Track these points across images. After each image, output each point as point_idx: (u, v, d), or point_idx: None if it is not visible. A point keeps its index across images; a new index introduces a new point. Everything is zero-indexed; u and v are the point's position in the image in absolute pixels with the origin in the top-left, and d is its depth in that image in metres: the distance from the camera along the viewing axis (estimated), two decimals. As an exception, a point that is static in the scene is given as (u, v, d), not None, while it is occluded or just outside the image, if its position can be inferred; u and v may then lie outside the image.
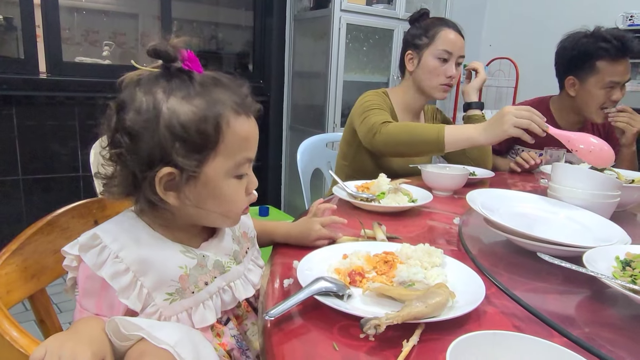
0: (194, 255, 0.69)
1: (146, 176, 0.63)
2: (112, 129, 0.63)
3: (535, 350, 0.49)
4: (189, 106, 0.62)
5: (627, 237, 0.87)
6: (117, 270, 0.62)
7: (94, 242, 0.63)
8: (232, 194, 0.69)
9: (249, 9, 3.46)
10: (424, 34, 1.65)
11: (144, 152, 0.62)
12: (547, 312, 0.66)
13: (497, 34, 4.23)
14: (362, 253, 0.80)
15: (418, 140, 1.42)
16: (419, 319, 0.59)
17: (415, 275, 0.71)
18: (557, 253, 0.78)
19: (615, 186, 1.03)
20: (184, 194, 0.65)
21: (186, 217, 0.69)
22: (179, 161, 0.62)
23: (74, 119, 2.64)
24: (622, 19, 3.25)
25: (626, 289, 0.66)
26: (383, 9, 3.23)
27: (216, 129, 0.63)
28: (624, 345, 0.61)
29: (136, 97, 0.63)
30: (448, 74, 1.63)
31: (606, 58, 1.72)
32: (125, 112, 0.62)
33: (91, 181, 1.52)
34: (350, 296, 0.67)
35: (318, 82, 3.22)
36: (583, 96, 1.83)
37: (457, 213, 1.17)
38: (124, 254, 0.63)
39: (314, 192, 1.96)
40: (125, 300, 0.62)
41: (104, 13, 2.97)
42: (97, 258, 0.62)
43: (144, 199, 0.65)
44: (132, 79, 0.65)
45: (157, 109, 0.62)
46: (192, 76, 0.65)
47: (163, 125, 0.61)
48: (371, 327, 0.56)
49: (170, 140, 0.61)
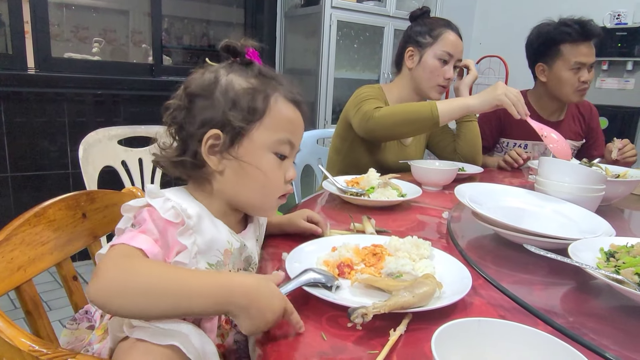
0: (238, 239, 0.72)
1: (195, 134, 0.68)
2: (177, 98, 0.70)
3: (519, 337, 0.49)
4: (244, 80, 0.69)
5: (611, 229, 0.89)
6: (183, 211, 0.64)
7: (158, 193, 0.66)
8: (270, 171, 0.71)
9: (240, 6, 3.45)
10: (427, 33, 1.65)
11: (198, 112, 0.68)
12: (532, 302, 0.67)
13: (486, 33, 4.26)
14: (350, 245, 0.81)
15: (413, 118, 1.45)
16: (406, 309, 0.60)
17: (403, 267, 0.72)
18: (544, 245, 0.79)
19: (600, 180, 1.04)
20: (226, 157, 0.69)
21: (224, 190, 0.71)
22: (229, 117, 0.67)
23: (63, 115, 2.61)
24: (610, 17, 3.29)
25: (610, 278, 0.67)
26: (373, 6, 3.24)
27: (265, 103, 0.69)
28: (608, 333, 0.62)
29: (203, 75, 0.71)
30: (447, 75, 1.64)
31: (569, 41, 1.84)
32: (189, 84, 0.70)
33: (81, 178, 1.52)
34: (338, 287, 0.68)
35: (309, 79, 3.22)
36: (553, 80, 1.92)
37: (446, 207, 1.18)
38: (186, 205, 0.66)
39: (305, 188, 1.97)
40: (185, 240, 0.64)
41: (93, 9, 2.95)
42: (163, 204, 0.64)
43: (190, 157, 0.68)
44: (201, 70, 0.72)
45: (217, 79, 0.69)
46: (253, 64, 0.72)
47: (219, 91, 0.68)
48: (358, 316, 0.56)
49: (222, 102, 0.67)
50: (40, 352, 0.52)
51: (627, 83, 3.24)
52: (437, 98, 1.68)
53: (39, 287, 0.74)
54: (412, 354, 0.54)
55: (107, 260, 0.57)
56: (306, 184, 2.15)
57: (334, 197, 1.24)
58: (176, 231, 0.63)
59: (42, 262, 0.72)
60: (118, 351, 0.61)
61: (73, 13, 2.85)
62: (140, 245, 0.59)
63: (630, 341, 0.61)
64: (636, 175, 1.33)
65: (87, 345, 0.70)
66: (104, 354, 0.65)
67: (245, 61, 0.72)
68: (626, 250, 0.76)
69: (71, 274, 0.81)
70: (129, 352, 0.58)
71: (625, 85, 3.25)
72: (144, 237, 0.61)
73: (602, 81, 3.34)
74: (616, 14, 3.25)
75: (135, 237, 0.60)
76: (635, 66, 3.19)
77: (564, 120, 2.04)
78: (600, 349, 0.55)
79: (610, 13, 3.28)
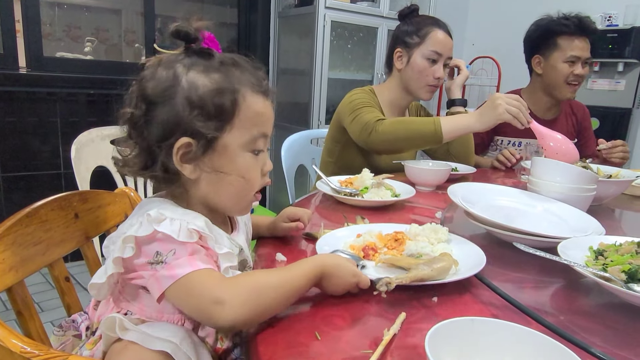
0: (236, 244, 0.71)
1: (163, 146, 0.63)
2: (133, 102, 0.65)
3: (512, 335, 0.50)
4: (208, 79, 0.64)
5: (601, 228, 0.90)
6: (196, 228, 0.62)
7: (161, 216, 0.62)
8: (248, 169, 0.69)
9: (234, 6, 3.44)
10: (415, 33, 1.64)
11: (161, 121, 0.63)
12: (524, 300, 0.67)
13: (479, 33, 4.28)
14: (374, 232, 0.87)
15: (416, 135, 1.44)
16: (425, 281, 0.67)
17: (423, 249, 0.79)
18: (534, 244, 0.80)
19: (591, 180, 1.06)
20: (200, 166, 0.66)
21: (200, 195, 0.69)
22: (198, 126, 0.62)
23: (56, 115, 2.60)
24: (601, 19, 3.31)
25: (597, 276, 0.68)
26: (367, 7, 3.25)
27: (233, 102, 0.65)
28: (597, 331, 0.63)
29: (157, 72, 0.65)
30: (436, 75, 1.63)
31: (566, 34, 1.89)
32: (144, 85, 0.64)
33: (73, 178, 1.51)
34: (364, 267, 0.75)
35: (303, 80, 3.22)
36: (549, 72, 1.96)
37: (439, 207, 1.19)
38: (191, 219, 0.63)
39: (299, 188, 1.97)
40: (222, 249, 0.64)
41: (86, 8, 2.93)
42: (171, 226, 0.61)
43: (161, 172, 0.65)
44: (153, 62, 0.67)
45: (177, 79, 0.64)
46: (212, 54, 0.67)
47: (182, 95, 0.63)
48: (383, 285, 0.63)
49: (188, 109, 0.63)
50: (32, 353, 0.52)
51: (618, 84, 3.27)
52: (427, 98, 1.68)
53: (31, 288, 0.74)
54: (405, 353, 0.54)
55: (215, 288, 0.57)
56: (300, 184, 2.15)
57: (327, 197, 1.24)
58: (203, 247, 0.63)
59: (33, 263, 0.72)
60: (111, 353, 0.61)
61: (65, 12, 2.82)
62: (209, 266, 0.60)
63: (619, 338, 0.61)
64: (628, 176, 1.34)
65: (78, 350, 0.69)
66: (97, 356, 0.65)
67: (202, 50, 0.67)
68: (614, 249, 0.77)
69: (63, 274, 0.80)
70: (121, 353, 0.58)
71: (616, 86, 3.28)
72: (199, 258, 0.61)
73: (593, 82, 3.37)
74: (607, 16, 3.28)
75: (194, 262, 0.59)
76: (626, 67, 3.22)
77: (558, 118, 2.06)
78: (590, 346, 0.55)
79: (602, 15, 3.30)
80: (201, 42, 0.67)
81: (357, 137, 1.52)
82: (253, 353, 0.55)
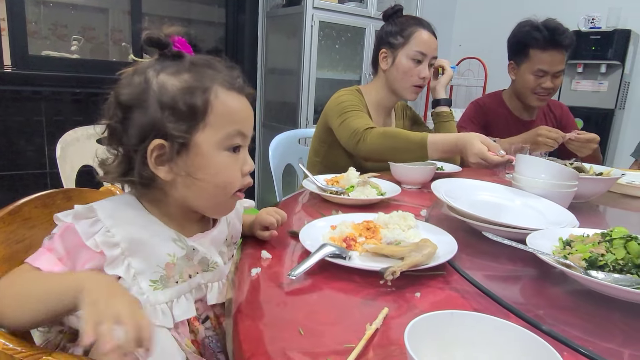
0: (184, 246, 0.69)
1: (138, 150, 0.64)
2: (111, 110, 0.66)
3: (490, 328, 0.51)
4: (177, 79, 0.65)
5: (575, 221, 0.93)
6: (108, 241, 0.62)
7: (89, 213, 0.63)
8: (225, 168, 0.68)
9: (222, 5, 3.43)
10: (399, 33, 1.64)
11: (136, 126, 0.64)
12: (504, 294, 0.69)
13: (466, 35, 4.32)
14: (348, 222, 0.92)
15: (403, 151, 1.43)
16: (418, 266, 0.73)
17: (399, 236, 0.86)
18: (510, 235, 0.84)
19: (572, 177, 1.08)
20: (176, 167, 0.66)
21: (178, 197, 0.69)
22: (169, 128, 0.63)
23: (41, 114, 2.57)
24: (584, 21, 3.37)
25: (559, 263, 0.72)
26: (355, 7, 3.26)
27: (204, 100, 0.65)
28: (573, 323, 0.64)
29: (132, 79, 0.66)
30: (421, 75, 1.63)
31: (537, 47, 1.86)
32: (119, 94, 0.65)
33: (58, 177, 1.50)
34: (350, 257, 0.79)
35: (291, 79, 3.22)
36: (519, 79, 1.98)
37: (425, 206, 1.20)
38: (116, 230, 0.63)
39: (286, 188, 1.97)
40: (114, 272, 0.63)
41: (72, 7, 2.90)
42: (89, 228, 0.62)
43: (138, 177, 0.66)
44: (129, 72, 0.68)
45: (148, 83, 0.65)
46: (183, 56, 0.67)
47: (153, 98, 0.64)
48: (389, 274, 0.68)
49: (159, 111, 0.64)
50: (15, 350, 0.52)
51: (601, 85, 3.32)
52: (412, 98, 1.69)
53: (14, 286, 0.73)
54: (387, 347, 0.55)
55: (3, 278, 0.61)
56: (287, 184, 2.15)
57: (314, 195, 1.25)
58: (91, 256, 0.62)
59: (16, 261, 0.71)
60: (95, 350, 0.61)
61: (51, 10, 2.79)
62: (39, 265, 0.62)
63: (594, 329, 0.63)
64: (615, 174, 1.37)
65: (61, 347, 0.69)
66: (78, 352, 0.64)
67: (173, 53, 0.67)
68: (581, 240, 0.80)
69: (47, 273, 0.80)
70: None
71: (599, 87, 3.34)
72: (47, 257, 0.63)
73: (577, 83, 3.42)
74: (590, 18, 3.33)
75: (40, 257, 0.63)
76: (609, 69, 3.27)
77: (535, 120, 2.09)
78: (566, 338, 0.57)
79: (585, 17, 3.36)
80: (172, 46, 0.67)
81: (345, 142, 1.52)
82: (236, 349, 0.56)
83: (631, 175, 1.62)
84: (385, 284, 0.70)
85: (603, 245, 0.75)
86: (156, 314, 0.64)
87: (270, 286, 0.70)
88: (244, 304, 0.65)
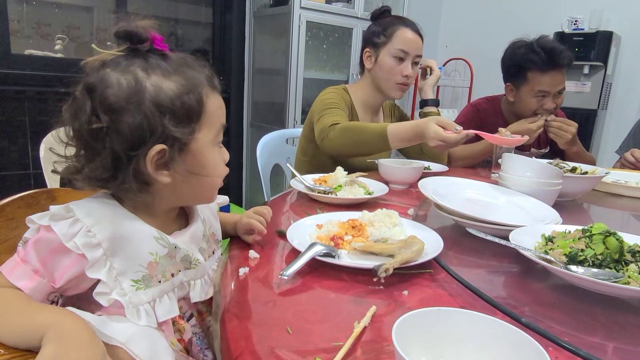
0: (166, 244, 0.68)
1: (132, 156, 0.61)
2: (88, 112, 0.60)
3: (477, 324, 0.51)
4: (171, 82, 0.63)
5: (559, 218, 0.95)
6: (89, 242, 0.60)
7: (66, 213, 0.60)
8: (217, 165, 0.71)
9: (209, 5, 3.42)
10: (381, 32, 1.66)
11: (128, 130, 0.60)
12: (490, 291, 0.70)
13: (452, 36, 4.36)
14: (334, 221, 0.93)
15: (364, 144, 1.43)
16: (409, 263, 0.74)
17: (385, 234, 0.86)
18: (494, 232, 0.85)
19: (556, 175, 1.10)
20: (174, 169, 0.65)
21: (169, 198, 0.69)
22: (172, 132, 0.62)
23: (24, 114, 2.53)
24: (568, 23, 3.42)
25: (540, 258, 0.74)
26: (342, 8, 3.27)
27: (199, 101, 0.65)
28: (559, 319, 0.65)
29: (110, 77, 0.61)
30: (404, 73, 1.65)
31: (535, 69, 1.80)
32: (101, 93, 0.60)
33: (42, 178, 1.47)
34: (339, 256, 0.79)
35: (278, 80, 3.22)
36: (519, 103, 1.92)
37: (412, 205, 1.21)
38: (97, 229, 0.60)
39: (274, 187, 1.97)
40: (96, 275, 0.60)
41: (56, 5, 2.86)
42: (67, 229, 0.59)
43: (132, 183, 0.63)
44: (94, 64, 0.63)
45: (140, 84, 0.61)
46: (166, 55, 0.66)
47: (149, 101, 0.61)
48: (382, 272, 0.69)
49: (158, 115, 0.61)
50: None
51: (584, 86, 3.38)
52: (398, 96, 1.70)
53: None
54: (375, 344, 0.56)
55: None
56: (276, 184, 2.15)
57: (302, 195, 1.25)
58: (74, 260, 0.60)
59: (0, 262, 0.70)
60: None
61: (34, 9, 2.75)
62: (17, 282, 0.60)
63: (578, 324, 0.64)
64: (600, 173, 1.39)
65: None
66: None
67: (155, 52, 0.65)
68: (562, 236, 0.82)
69: (31, 274, 0.79)
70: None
71: (582, 88, 3.39)
72: (21, 270, 0.60)
73: (561, 84, 3.47)
74: (574, 20, 3.39)
75: (15, 269, 0.60)
76: (592, 70, 3.33)
77: None
78: (551, 333, 0.58)
79: (568, 19, 3.41)
80: (151, 43, 0.64)
81: (316, 139, 1.53)
82: (224, 349, 0.56)
83: (616, 174, 1.65)
84: (372, 281, 0.71)
85: (583, 241, 0.76)
86: (139, 314, 0.63)
87: (258, 286, 0.70)
88: (231, 304, 0.64)
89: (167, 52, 0.66)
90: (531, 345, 0.46)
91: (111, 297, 0.61)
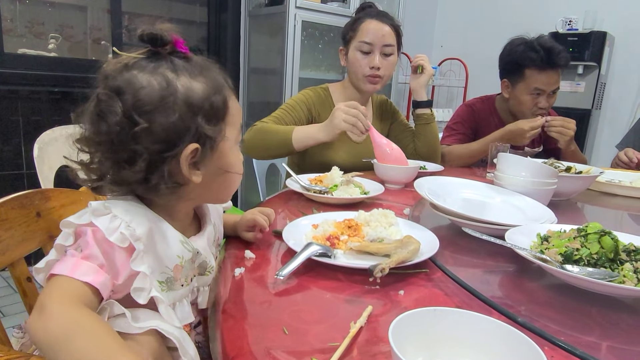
0: (190, 249, 0.68)
1: (166, 157, 0.61)
2: (120, 114, 0.59)
3: (473, 324, 0.52)
4: (198, 83, 0.64)
5: (554, 217, 0.96)
6: (133, 234, 0.59)
7: (105, 210, 0.59)
8: (240, 162, 0.72)
9: (204, 4, 3.40)
10: (350, 28, 1.66)
11: (163, 130, 0.60)
12: (484, 290, 0.70)
13: (447, 36, 4.37)
14: (330, 221, 0.93)
15: (272, 145, 1.49)
16: (405, 262, 0.74)
17: (381, 233, 0.86)
18: (490, 231, 0.85)
19: (551, 175, 1.11)
20: (204, 168, 0.66)
21: (194, 198, 0.70)
22: (204, 130, 0.62)
23: (17, 113, 2.51)
24: (562, 23, 3.43)
25: (536, 258, 0.74)
26: (337, 7, 3.26)
27: (224, 102, 0.67)
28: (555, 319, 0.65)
29: (139, 79, 0.60)
30: (370, 64, 1.62)
31: (533, 67, 1.83)
32: (134, 94, 0.59)
33: (36, 178, 1.46)
34: (335, 256, 0.79)
35: (274, 79, 3.21)
36: (513, 99, 1.96)
37: (408, 204, 1.21)
38: (135, 224, 0.60)
39: (270, 187, 1.96)
40: (139, 267, 0.59)
41: (49, 4, 2.84)
42: (109, 223, 0.58)
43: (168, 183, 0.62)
44: (116, 66, 0.62)
45: (172, 86, 0.61)
46: (189, 58, 0.66)
47: (182, 101, 0.61)
48: (378, 272, 0.69)
49: (191, 114, 0.62)
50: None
51: (579, 86, 3.39)
52: (369, 90, 1.69)
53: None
54: (372, 344, 0.56)
55: (54, 298, 0.52)
56: (271, 183, 2.15)
57: (298, 194, 1.25)
58: (124, 255, 0.59)
59: (-7, 263, 0.70)
60: None
61: (27, 7, 2.73)
62: (85, 278, 0.55)
63: (573, 324, 0.64)
64: (594, 172, 1.40)
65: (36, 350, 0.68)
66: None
67: (180, 55, 0.65)
68: (558, 235, 0.82)
69: (25, 275, 0.78)
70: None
71: (576, 88, 3.40)
72: (88, 266, 0.56)
73: (555, 84, 3.48)
74: (568, 20, 3.40)
75: (79, 267, 0.56)
76: (586, 70, 3.34)
77: None
78: (547, 332, 0.58)
79: (562, 19, 3.42)
80: (173, 45, 0.65)
81: None
82: (220, 349, 0.55)
83: (610, 173, 1.66)
84: (368, 281, 0.71)
85: (578, 240, 0.77)
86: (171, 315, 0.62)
87: (254, 286, 0.70)
88: (227, 304, 0.64)
89: (189, 54, 0.66)
90: (527, 345, 0.47)
91: (150, 294, 0.59)
